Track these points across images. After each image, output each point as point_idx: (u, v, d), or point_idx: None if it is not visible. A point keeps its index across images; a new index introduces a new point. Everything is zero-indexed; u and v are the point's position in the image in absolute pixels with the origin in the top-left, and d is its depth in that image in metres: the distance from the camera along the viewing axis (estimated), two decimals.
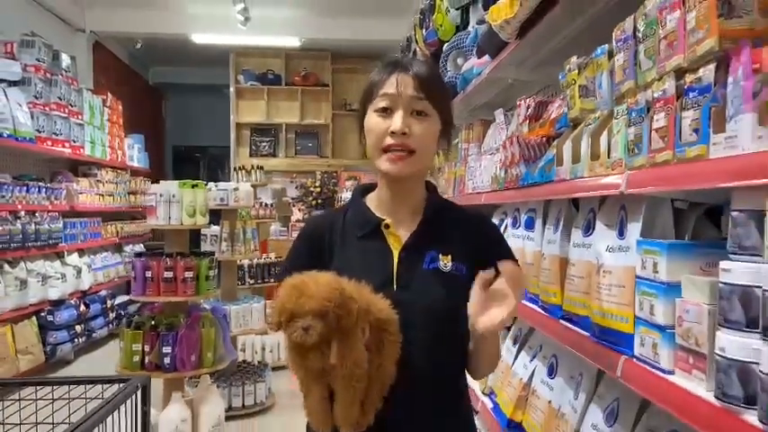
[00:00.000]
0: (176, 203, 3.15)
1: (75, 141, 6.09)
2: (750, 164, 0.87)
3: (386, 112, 1.26)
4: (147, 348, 3.08)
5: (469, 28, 2.99)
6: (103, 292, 6.70)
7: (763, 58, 0.90)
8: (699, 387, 1.00)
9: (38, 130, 5.40)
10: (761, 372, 0.83)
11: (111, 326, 6.70)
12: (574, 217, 1.67)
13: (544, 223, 1.90)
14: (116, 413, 1.70)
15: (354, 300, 1.10)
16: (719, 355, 0.91)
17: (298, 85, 9.21)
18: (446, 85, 1.42)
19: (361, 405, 1.15)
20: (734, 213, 0.94)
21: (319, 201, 8.63)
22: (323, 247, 1.33)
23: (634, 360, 1.21)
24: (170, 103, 11.75)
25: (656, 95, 1.17)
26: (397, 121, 1.24)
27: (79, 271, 6.08)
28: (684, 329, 1.06)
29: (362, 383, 1.13)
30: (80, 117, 6.24)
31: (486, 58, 2.46)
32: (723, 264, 0.92)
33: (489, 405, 2.28)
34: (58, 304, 5.62)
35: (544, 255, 1.80)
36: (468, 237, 1.33)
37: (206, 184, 3.71)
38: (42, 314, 5.39)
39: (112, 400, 1.69)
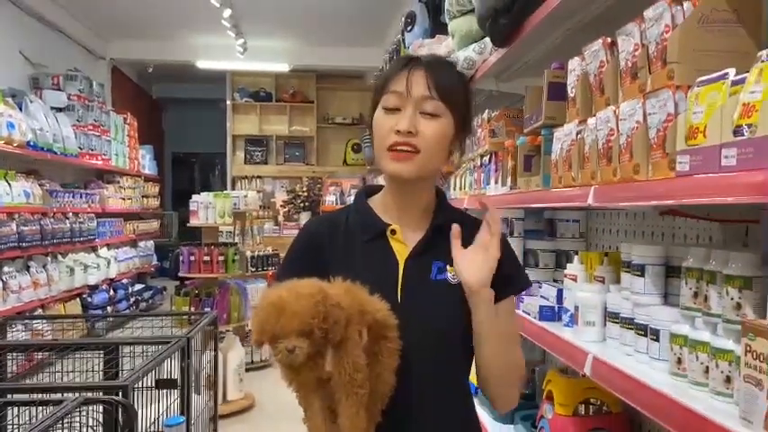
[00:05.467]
0: (212, 208, 4.48)
1: (105, 155, 7.37)
2: (493, 200, 2.26)
3: (394, 110, 1.17)
4: (192, 309, 4.40)
5: None
6: (125, 281, 7.98)
7: (502, 157, 2.28)
8: None
9: (80, 147, 6.67)
10: None
11: (131, 309, 7.97)
12: None
13: None
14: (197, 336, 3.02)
15: (340, 307, 1.01)
16: None
17: (286, 101, 10.55)
18: (467, 85, 1.32)
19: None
20: None
21: (306, 204, 9.94)
22: (321, 252, 1.24)
23: None
24: (168, 114, 13.00)
25: (475, 164, 2.55)
26: (403, 120, 1.15)
27: (108, 262, 7.35)
28: None
29: (365, 389, 1.02)
30: (108, 134, 7.52)
31: None
32: None
33: None
34: (94, 289, 6.90)
35: None
36: None
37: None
38: (84, 296, 6.67)
39: (198, 324, 3.03)
